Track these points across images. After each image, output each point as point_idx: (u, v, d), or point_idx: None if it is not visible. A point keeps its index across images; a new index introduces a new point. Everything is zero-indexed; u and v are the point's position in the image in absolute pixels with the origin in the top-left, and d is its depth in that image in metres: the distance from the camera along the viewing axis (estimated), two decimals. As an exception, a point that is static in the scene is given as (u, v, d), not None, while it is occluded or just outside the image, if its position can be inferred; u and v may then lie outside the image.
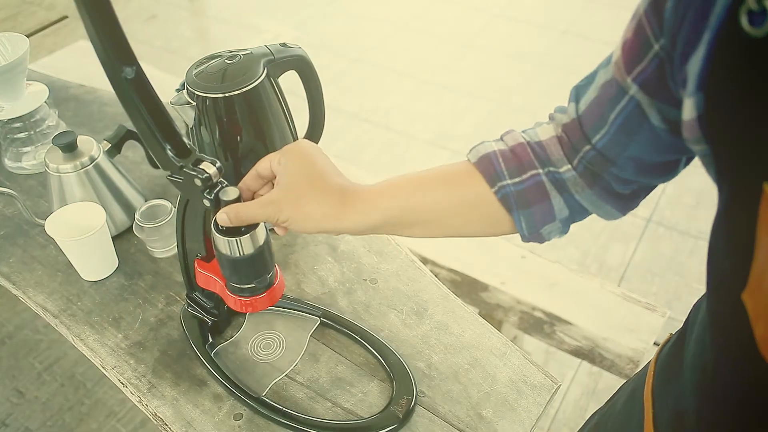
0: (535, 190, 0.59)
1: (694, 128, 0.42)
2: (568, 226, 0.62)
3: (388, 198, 0.60)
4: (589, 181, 0.58)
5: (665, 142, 0.51)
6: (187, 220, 0.70)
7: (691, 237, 2.13)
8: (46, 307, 0.88)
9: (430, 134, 2.65)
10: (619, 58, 0.50)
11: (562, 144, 0.59)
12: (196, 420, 0.74)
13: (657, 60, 0.46)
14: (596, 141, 0.55)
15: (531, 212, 0.59)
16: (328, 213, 0.59)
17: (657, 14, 0.45)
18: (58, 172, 0.93)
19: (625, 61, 0.49)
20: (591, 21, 3.31)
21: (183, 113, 0.85)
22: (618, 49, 0.51)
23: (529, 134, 0.61)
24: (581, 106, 0.56)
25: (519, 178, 0.59)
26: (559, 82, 2.79)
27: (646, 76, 0.48)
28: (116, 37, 0.55)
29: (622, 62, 0.50)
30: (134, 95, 0.58)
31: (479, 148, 0.61)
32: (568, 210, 0.60)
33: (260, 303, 0.70)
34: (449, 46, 3.18)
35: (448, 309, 0.86)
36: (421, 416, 0.74)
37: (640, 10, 0.47)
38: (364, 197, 0.61)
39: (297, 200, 0.60)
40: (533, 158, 0.59)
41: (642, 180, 0.57)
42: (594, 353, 1.24)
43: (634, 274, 2.03)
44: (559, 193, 0.59)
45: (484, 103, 2.80)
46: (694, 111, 0.41)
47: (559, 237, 0.63)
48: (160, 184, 1.08)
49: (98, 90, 1.33)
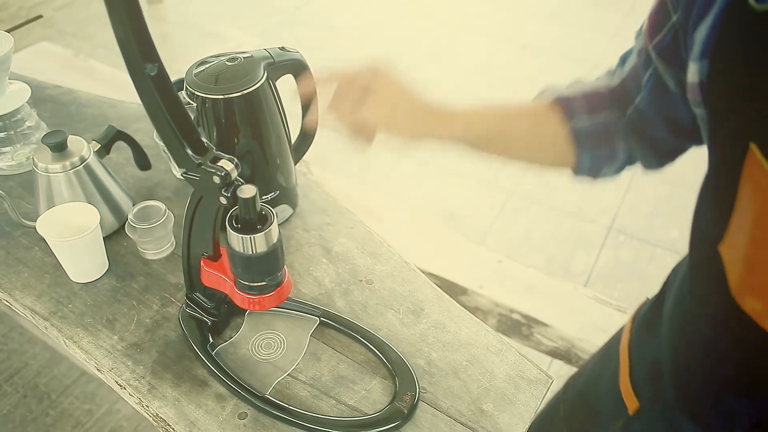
0: (604, 132, 0.65)
1: (695, 92, 0.48)
2: (621, 170, 0.68)
3: (471, 116, 0.65)
4: (639, 136, 0.64)
5: (679, 111, 0.57)
6: (197, 218, 0.70)
7: (649, 245, 2.22)
8: (35, 310, 0.86)
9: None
10: (645, 27, 0.57)
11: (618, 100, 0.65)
12: (200, 420, 0.74)
13: (673, 30, 0.52)
14: (637, 102, 0.61)
15: (597, 152, 0.65)
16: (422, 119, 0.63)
17: None
18: (47, 172, 0.91)
19: (648, 30, 0.56)
20: (551, 37, 3.42)
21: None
22: (646, 19, 0.57)
23: (595, 85, 0.66)
24: (626, 69, 0.62)
25: (592, 117, 0.64)
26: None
27: (663, 45, 0.54)
28: (141, 34, 0.55)
29: (647, 31, 0.56)
30: (156, 92, 0.58)
31: (553, 92, 0.67)
32: (625, 154, 0.66)
33: (268, 301, 0.71)
34: (415, 54, 3.23)
35: (443, 308, 0.89)
36: (425, 411, 0.76)
37: None
38: (453, 111, 0.65)
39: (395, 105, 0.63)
40: (604, 105, 0.65)
41: (676, 140, 0.62)
42: (570, 353, 1.28)
43: (597, 279, 2.10)
44: (622, 137, 0.65)
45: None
46: (697, 76, 0.47)
47: (612, 177, 0.68)
48: (146, 186, 1.07)
49: (75, 91, 1.31)
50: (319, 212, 1.03)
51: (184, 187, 1.07)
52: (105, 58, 3.01)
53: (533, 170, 0.71)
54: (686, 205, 0.67)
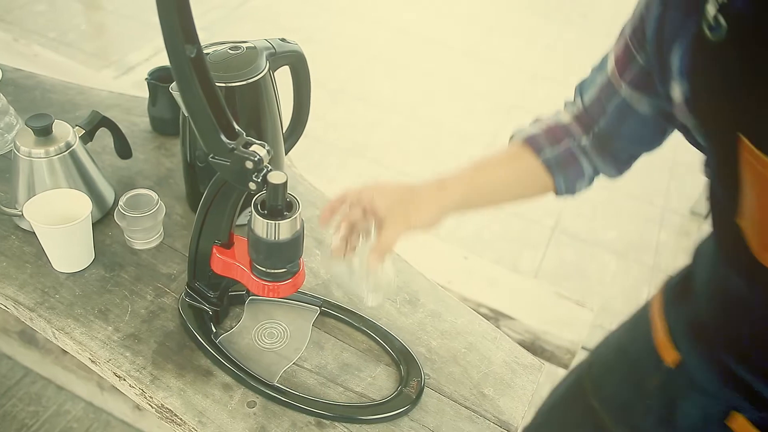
0: (569, 156, 0.78)
1: (683, 108, 0.60)
2: (592, 181, 0.82)
3: (466, 177, 0.76)
4: (601, 150, 0.77)
5: (648, 124, 0.71)
6: (216, 204, 0.70)
7: (589, 245, 2.34)
8: (18, 300, 0.82)
9: (348, 143, 2.70)
10: (613, 68, 0.71)
11: (579, 124, 0.78)
12: (209, 409, 0.73)
13: (639, 67, 0.67)
14: (600, 123, 0.75)
15: (568, 173, 0.78)
16: (436, 196, 0.73)
17: (638, 39, 0.66)
18: (30, 156, 0.87)
19: (618, 70, 0.70)
20: (556, 65, 3.53)
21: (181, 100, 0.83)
22: (611, 60, 0.72)
23: (553, 119, 0.80)
24: (586, 101, 0.77)
25: (557, 148, 0.78)
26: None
27: (635, 78, 0.68)
28: (184, 15, 0.55)
29: (616, 71, 0.70)
30: (194, 74, 0.57)
31: (521, 133, 0.80)
32: (591, 169, 0.79)
33: (284, 289, 0.72)
34: (359, 57, 3.25)
35: (438, 298, 0.91)
36: (430, 396, 0.78)
37: (626, 33, 0.68)
38: (450, 178, 0.76)
39: (413, 201, 0.72)
40: (563, 134, 0.78)
41: (634, 149, 0.76)
42: (536, 346, 1.34)
43: (543, 277, 2.20)
44: (584, 157, 0.78)
45: (393, 115, 2.90)
46: (681, 96, 0.59)
47: (587, 189, 0.82)
48: (127, 176, 1.04)
49: (37, 75, 1.25)
50: (308, 205, 1.03)
51: (167, 177, 1.05)
52: (45, 45, 2.86)
53: (521, 204, 0.83)
54: (622, 210, 0.80)
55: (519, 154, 0.79)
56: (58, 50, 2.92)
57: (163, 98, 1.09)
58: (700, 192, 2.51)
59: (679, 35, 0.57)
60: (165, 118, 1.11)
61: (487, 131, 2.84)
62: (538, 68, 3.34)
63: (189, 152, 0.92)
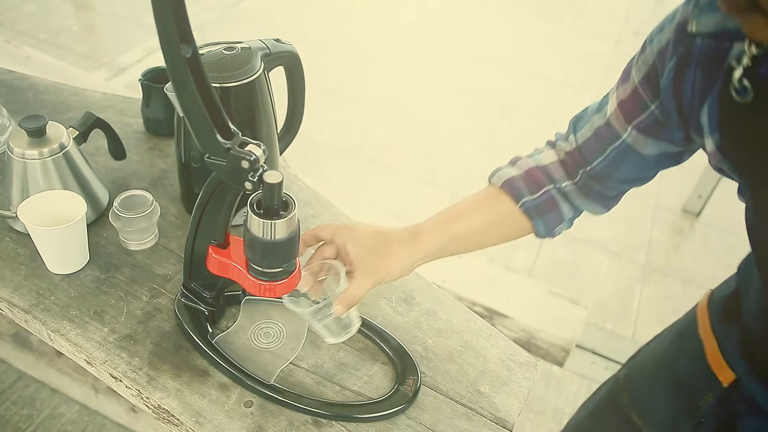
0: (549, 202, 0.77)
1: (716, 155, 0.59)
2: (572, 222, 0.82)
3: (442, 226, 0.76)
4: (587, 191, 0.77)
5: (649, 164, 0.71)
6: (211, 204, 0.70)
7: (582, 243, 2.35)
8: (13, 303, 0.82)
9: (343, 143, 2.70)
10: (616, 112, 0.70)
11: (565, 165, 0.77)
12: (206, 409, 0.73)
13: (654, 114, 0.66)
14: (595, 165, 0.74)
15: (547, 218, 0.78)
16: (410, 249, 0.74)
17: (651, 87, 0.65)
18: (23, 158, 0.87)
19: (624, 115, 0.69)
20: (567, 69, 3.54)
21: (177, 101, 0.83)
22: (612, 105, 0.70)
23: (534, 159, 0.79)
24: (579, 138, 0.75)
25: (536, 194, 0.77)
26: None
27: (645, 124, 0.68)
28: (180, 14, 0.55)
29: (622, 116, 0.69)
30: (189, 74, 0.58)
31: (500, 175, 0.78)
32: (571, 212, 0.79)
33: (281, 288, 0.72)
34: (353, 59, 3.26)
35: (433, 297, 0.92)
36: (426, 395, 0.79)
37: (634, 80, 0.67)
38: (426, 228, 0.76)
39: (385, 255, 0.72)
40: (544, 178, 0.77)
41: (626, 187, 0.77)
42: (530, 344, 1.35)
43: (537, 277, 2.20)
44: (565, 201, 0.78)
45: (385, 114, 2.91)
46: (713, 145, 0.59)
47: (567, 230, 0.81)
48: (121, 177, 1.04)
49: (30, 77, 1.24)
50: (303, 204, 1.03)
51: (161, 178, 1.04)
52: (36, 46, 2.85)
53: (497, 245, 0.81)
54: (614, 208, 0.80)
55: (497, 200, 0.78)
56: (49, 52, 2.91)
57: (156, 99, 1.09)
58: (691, 190, 2.53)
59: (706, 96, 0.58)
60: (159, 119, 1.11)
61: (482, 131, 2.85)
62: (532, 68, 3.36)
63: (183, 153, 0.92)
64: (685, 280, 2.27)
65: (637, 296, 2.19)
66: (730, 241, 2.46)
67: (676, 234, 2.49)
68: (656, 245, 2.41)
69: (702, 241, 2.47)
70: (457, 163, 2.62)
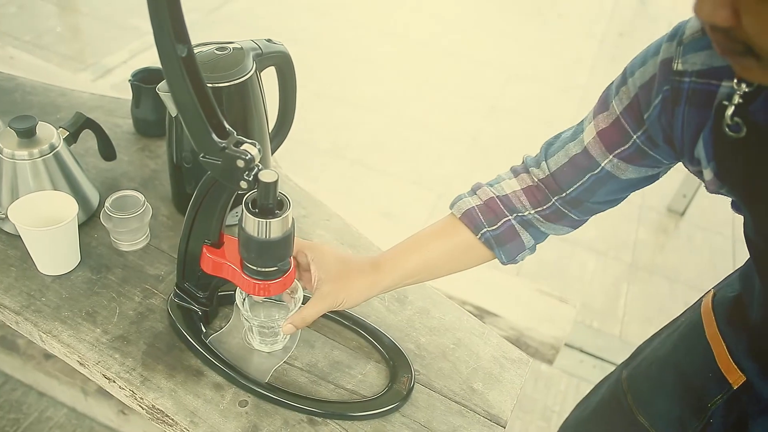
0: (509, 232, 0.77)
1: (714, 182, 0.60)
2: (535, 248, 0.81)
3: (401, 258, 0.77)
4: (560, 217, 0.76)
5: (627, 188, 0.71)
6: (206, 203, 0.70)
7: (568, 243, 2.37)
8: (3, 304, 0.81)
9: (330, 143, 2.70)
10: (595, 141, 0.68)
11: (533, 192, 0.76)
12: (200, 409, 0.73)
13: (636, 144, 0.65)
14: (570, 191, 0.73)
15: (508, 248, 0.78)
16: (370, 281, 0.75)
17: (634, 118, 0.64)
18: (13, 159, 0.86)
19: (606, 145, 0.68)
20: (542, 66, 3.57)
21: (169, 101, 0.83)
22: (591, 133, 0.69)
23: (495, 188, 0.78)
24: (551, 165, 0.73)
25: (495, 225, 0.76)
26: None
27: (627, 153, 0.67)
28: (175, 14, 0.55)
29: (602, 145, 0.68)
30: (185, 73, 0.58)
31: (460, 205, 0.78)
32: (533, 239, 0.78)
33: (275, 287, 0.72)
34: (342, 58, 3.26)
35: (426, 296, 0.92)
36: (420, 392, 0.79)
37: (615, 110, 0.66)
38: (386, 260, 0.77)
39: (345, 284, 0.74)
40: (503, 208, 0.76)
41: (600, 208, 0.75)
42: (520, 342, 1.36)
43: (525, 276, 2.22)
44: (526, 229, 0.77)
45: (374, 114, 2.91)
46: (711, 174, 0.60)
47: (530, 256, 0.82)
48: (111, 177, 1.03)
49: (17, 77, 1.23)
50: (294, 204, 1.03)
51: (151, 179, 1.04)
52: (20, 47, 2.82)
53: None
54: None
55: (456, 230, 0.78)
56: (33, 53, 2.88)
57: (146, 100, 1.09)
58: (676, 189, 2.56)
59: (699, 131, 0.58)
60: (149, 119, 1.11)
61: (468, 131, 2.87)
62: (518, 68, 3.38)
63: (175, 153, 0.92)
64: (670, 279, 2.30)
65: (624, 295, 2.21)
66: (715, 240, 2.49)
67: (661, 233, 2.52)
68: (642, 244, 2.44)
69: (687, 239, 2.51)
70: (443, 163, 2.63)
